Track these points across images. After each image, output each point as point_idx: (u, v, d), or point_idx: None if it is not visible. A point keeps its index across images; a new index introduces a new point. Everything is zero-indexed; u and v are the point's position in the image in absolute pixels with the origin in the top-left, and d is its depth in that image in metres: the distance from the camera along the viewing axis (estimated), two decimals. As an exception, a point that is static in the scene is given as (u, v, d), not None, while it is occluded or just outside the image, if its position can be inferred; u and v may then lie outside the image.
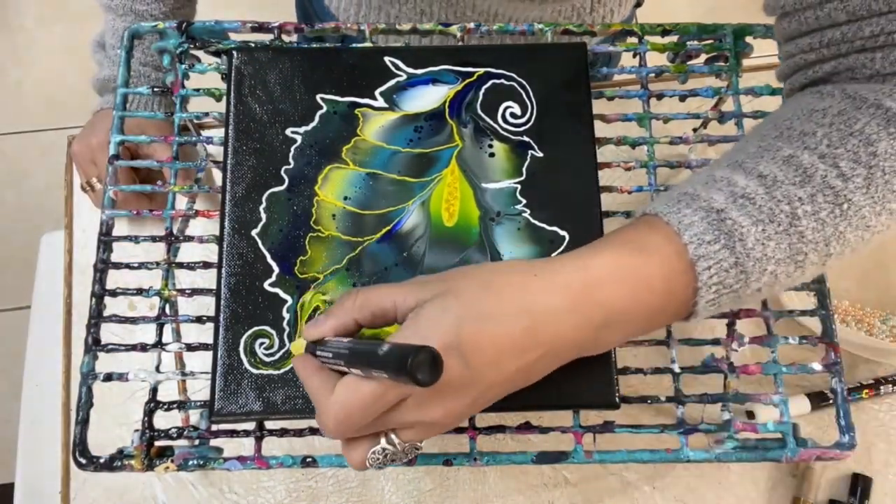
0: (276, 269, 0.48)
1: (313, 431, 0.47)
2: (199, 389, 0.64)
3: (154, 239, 0.51)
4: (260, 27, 0.54)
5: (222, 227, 0.48)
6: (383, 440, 0.38)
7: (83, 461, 0.46)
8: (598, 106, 0.52)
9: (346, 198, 0.49)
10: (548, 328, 0.37)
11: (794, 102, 0.44)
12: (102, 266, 0.50)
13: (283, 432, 0.48)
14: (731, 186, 0.39)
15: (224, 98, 0.52)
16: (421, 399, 0.36)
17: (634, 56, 0.56)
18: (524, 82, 0.52)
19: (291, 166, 0.50)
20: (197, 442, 0.48)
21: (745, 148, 0.42)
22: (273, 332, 0.46)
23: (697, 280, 0.38)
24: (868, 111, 0.40)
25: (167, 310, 0.50)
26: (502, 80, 0.52)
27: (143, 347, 0.49)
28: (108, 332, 0.50)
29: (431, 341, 0.35)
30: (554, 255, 0.48)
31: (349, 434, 0.37)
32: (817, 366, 0.49)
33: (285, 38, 0.54)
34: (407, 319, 0.37)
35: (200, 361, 0.65)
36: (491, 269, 0.40)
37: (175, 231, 0.52)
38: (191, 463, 0.46)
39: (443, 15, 0.67)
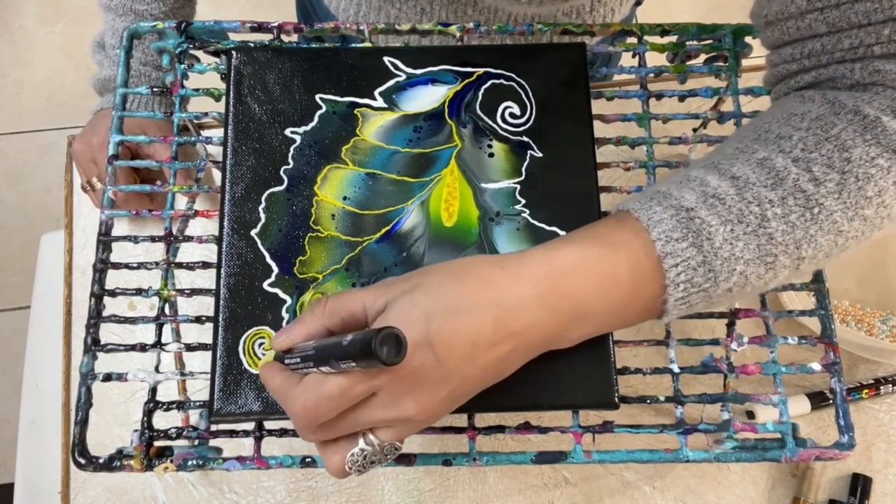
0: (276, 270, 0.48)
1: (313, 431, 0.47)
2: (199, 390, 0.64)
3: (153, 239, 0.51)
4: (259, 27, 0.54)
5: (221, 227, 0.48)
6: (361, 441, 0.38)
7: (82, 461, 0.46)
8: (598, 106, 0.52)
9: (345, 198, 0.49)
10: (516, 319, 0.37)
11: (776, 106, 0.45)
12: (102, 266, 0.50)
13: (282, 432, 0.47)
14: (703, 186, 0.40)
15: (223, 98, 0.52)
16: (393, 393, 0.36)
17: (634, 56, 0.56)
18: (523, 82, 0.52)
19: (291, 166, 0.50)
20: (196, 442, 0.48)
21: (723, 150, 0.43)
22: (272, 332, 0.46)
23: (665, 277, 0.39)
24: (846, 117, 0.40)
25: (166, 310, 0.50)
26: (501, 81, 0.52)
27: (143, 347, 0.49)
28: (108, 332, 0.50)
29: (412, 327, 0.35)
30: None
31: (320, 429, 0.37)
32: (817, 366, 0.49)
33: (285, 38, 0.54)
34: (377, 320, 0.37)
35: (200, 361, 0.66)
36: (458, 264, 0.40)
37: (174, 231, 0.52)
38: (190, 463, 0.46)
39: (443, 14, 0.67)
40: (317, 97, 0.51)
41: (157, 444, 0.47)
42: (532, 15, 0.68)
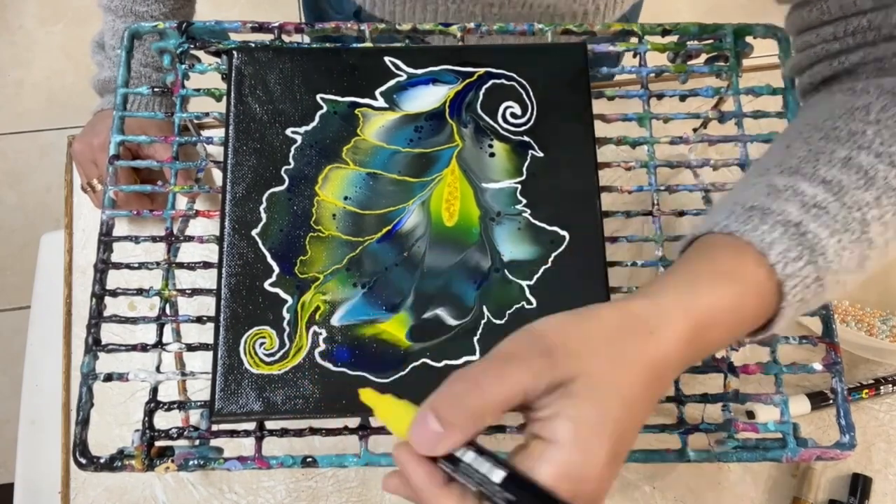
0: (277, 269, 0.48)
1: (313, 431, 0.47)
2: (200, 389, 0.64)
3: (154, 239, 0.51)
4: (260, 27, 0.54)
5: (222, 227, 0.48)
6: None
7: (83, 461, 0.46)
8: (599, 106, 0.52)
9: (346, 198, 0.49)
10: (664, 379, 0.35)
11: (825, 103, 0.43)
12: (102, 266, 0.50)
13: (283, 432, 0.47)
14: (799, 196, 0.38)
15: (224, 98, 0.52)
16: None
17: (634, 56, 0.56)
18: (524, 82, 0.52)
19: (291, 166, 0.50)
20: (197, 442, 0.48)
21: (792, 152, 0.41)
22: (273, 332, 0.46)
23: (783, 300, 0.37)
24: None
25: (167, 310, 0.50)
26: (502, 80, 0.52)
27: (144, 347, 0.49)
28: (109, 332, 0.50)
29: (599, 460, 0.31)
30: (554, 255, 0.48)
31: None
32: (818, 366, 0.49)
33: (285, 38, 0.54)
34: (558, 425, 0.32)
35: (201, 361, 0.66)
36: (610, 329, 0.35)
37: (175, 231, 0.51)
38: (191, 463, 0.46)
39: (468, 6, 0.67)
40: (318, 97, 0.51)
41: (158, 444, 0.47)
42: (545, 3, 0.67)
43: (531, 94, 0.51)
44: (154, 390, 0.48)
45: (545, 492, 0.31)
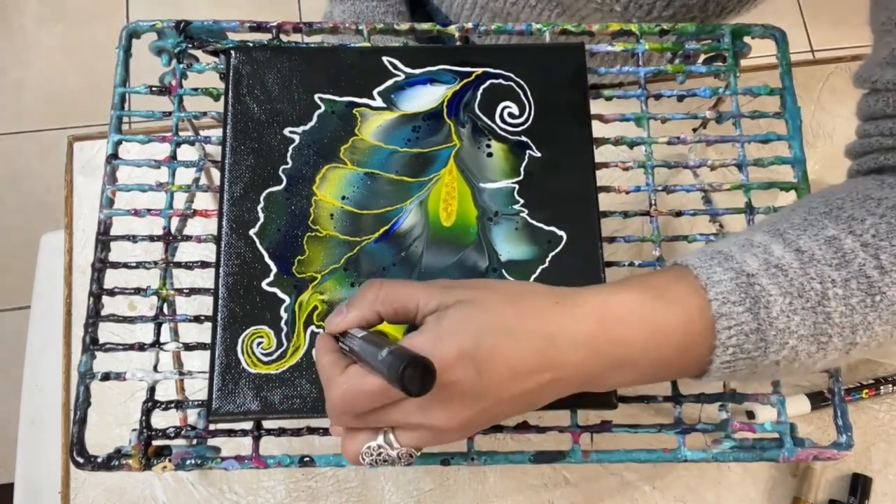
0: (274, 269, 0.48)
1: (311, 431, 0.47)
2: (199, 390, 0.64)
3: (152, 238, 0.51)
4: (258, 27, 0.54)
5: (220, 227, 0.48)
6: (381, 437, 0.38)
7: (81, 460, 0.46)
8: (596, 106, 0.52)
9: (343, 197, 0.49)
10: (561, 354, 0.37)
11: (851, 183, 0.44)
12: (100, 265, 0.50)
13: (280, 432, 0.48)
14: (766, 254, 0.39)
15: (222, 97, 0.52)
16: (426, 401, 0.36)
17: (632, 56, 0.56)
18: (522, 82, 0.52)
19: (289, 166, 0.50)
20: (195, 441, 0.48)
21: (791, 218, 0.42)
22: (271, 331, 0.46)
23: (716, 339, 0.38)
24: None
25: (165, 309, 0.50)
26: (500, 80, 0.52)
27: (141, 347, 0.49)
28: (107, 332, 0.50)
29: (449, 345, 0.35)
30: (551, 255, 0.48)
31: (349, 417, 0.37)
32: (815, 365, 0.49)
33: (283, 37, 0.54)
34: (427, 321, 0.37)
35: (199, 361, 0.66)
36: (516, 287, 0.40)
37: (173, 230, 0.52)
38: (188, 462, 0.46)
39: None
40: (315, 97, 0.51)
41: (155, 443, 0.47)
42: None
43: (529, 94, 0.51)
44: (151, 389, 0.48)
45: (378, 339, 0.37)
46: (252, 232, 0.48)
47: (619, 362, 0.38)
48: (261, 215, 0.49)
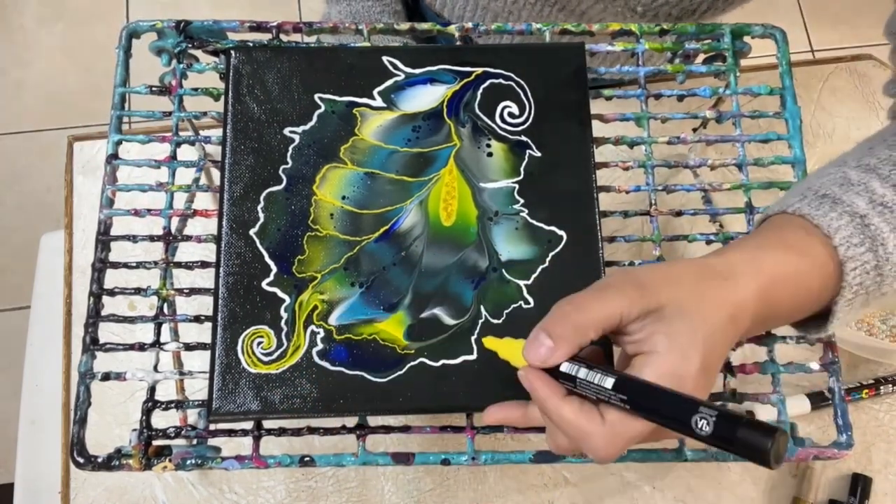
0: (274, 269, 0.48)
1: (311, 431, 0.47)
2: (199, 389, 0.64)
3: (152, 238, 0.51)
4: (258, 27, 0.54)
5: (220, 227, 0.48)
6: None
7: (81, 460, 0.46)
8: (597, 106, 0.52)
9: (344, 197, 0.49)
10: (739, 331, 0.39)
11: None
12: (100, 265, 0.50)
13: (281, 431, 0.47)
14: (869, 193, 0.42)
15: (222, 97, 0.52)
16: None
17: (632, 56, 0.56)
18: (522, 82, 0.52)
19: (289, 166, 0.50)
20: (195, 441, 0.48)
21: (874, 152, 0.44)
22: (271, 331, 0.46)
23: (843, 279, 0.40)
24: None
25: (165, 309, 0.50)
26: (500, 80, 0.52)
27: (142, 347, 0.49)
28: (107, 332, 0.50)
29: (693, 363, 0.36)
30: (552, 254, 0.48)
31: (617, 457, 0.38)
32: (815, 365, 0.49)
33: (283, 37, 0.54)
34: (657, 339, 0.37)
35: (199, 361, 0.66)
36: (691, 274, 0.39)
37: (173, 230, 0.52)
38: (189, 462, 0.46)
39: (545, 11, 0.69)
40: (315, 97, 0.51)
41: (155, 443, 0.47)
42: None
43: (529, 93, 0.51)
44: (151, 389, 0.48)
45: (653, 385, 0.36)
46: (252, 232, 0.48)
47: (765, 320, 0.41)
48: (261, 215, 0.49)
